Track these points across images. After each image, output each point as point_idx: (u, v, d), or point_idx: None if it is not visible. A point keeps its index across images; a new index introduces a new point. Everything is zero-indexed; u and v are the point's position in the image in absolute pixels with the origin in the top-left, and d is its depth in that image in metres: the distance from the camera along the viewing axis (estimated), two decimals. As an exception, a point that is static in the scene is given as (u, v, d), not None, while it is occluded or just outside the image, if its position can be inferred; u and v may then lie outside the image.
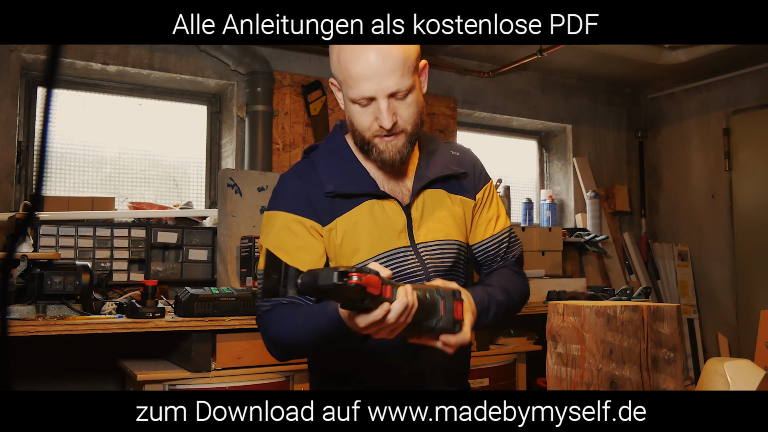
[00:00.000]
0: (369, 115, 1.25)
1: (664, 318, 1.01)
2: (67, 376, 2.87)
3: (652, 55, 3.94)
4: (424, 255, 1.33)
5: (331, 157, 1.35)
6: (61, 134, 3.27)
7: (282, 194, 1.34)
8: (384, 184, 1.34)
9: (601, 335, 0.99)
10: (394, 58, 1.21)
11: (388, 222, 1.31)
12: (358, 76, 1.21)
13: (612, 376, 0.98)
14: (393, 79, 1.21)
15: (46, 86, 0.59)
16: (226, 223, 2.97)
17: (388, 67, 1.20)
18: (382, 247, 1.30)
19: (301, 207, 1.30)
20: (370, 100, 1.24)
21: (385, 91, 1.22)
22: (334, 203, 1.30)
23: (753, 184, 4.29)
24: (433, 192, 1.37)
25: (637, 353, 0.99)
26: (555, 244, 4.06)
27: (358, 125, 1.27)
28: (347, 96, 1.26)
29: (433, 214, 1.36)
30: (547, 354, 1.07)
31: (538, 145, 4.89)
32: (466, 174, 1.42)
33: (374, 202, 1.31)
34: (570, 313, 1.03)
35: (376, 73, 1.20)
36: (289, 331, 1.24)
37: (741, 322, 4.33)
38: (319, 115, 3.65)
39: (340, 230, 1.30)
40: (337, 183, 1.30)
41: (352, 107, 1.26)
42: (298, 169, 1.37)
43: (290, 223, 1.30)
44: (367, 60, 1.20)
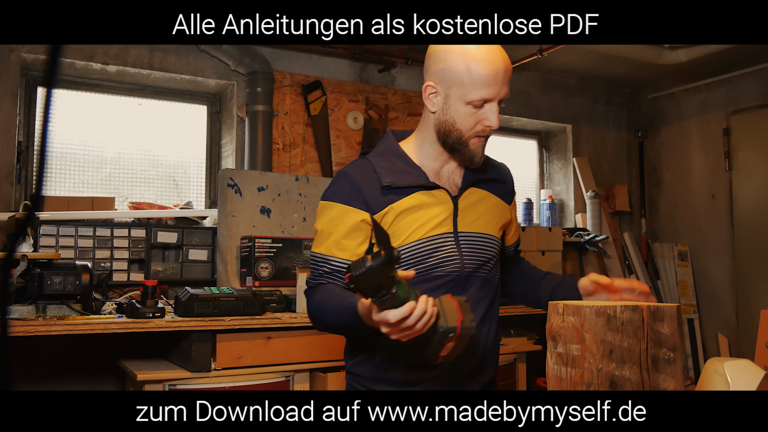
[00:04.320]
0: (475, 118, 1.39)
1: (664, 318, 1.01)
2: (67, 376, 2.87)
3: (652, 55, 3.94)
4: (463, 244, 1.45)
5: (386, 157, 1.48)
6: (61, 134, 3.27)
7: (339, 187, 1.46)
8: (434, 178, 1.47)
9: (601, 335, 0.99)
10: (510, 70, 1.39)
11: (436, 208, 1.44)
12: (489, 81, 1.36)
13: (612, 376, 0.98)
14: (507, 86, 1.39)
15: (46, 86, 0.59)
16: (226, 223, 2.97)
17: (507, 75, 1.38)
18: (428, 231, 1.42)
19: (354, 199, 1.42)
20: (483, 103, 1.38)
21: (501, 96, 1.39)
22: (389, 194, 1.43)
23: (753, 184, 4.29)
24: (479, 190, 1.52)
25: (637, 353, 0.98)
26: (555, 244, 4.06)
27: (463, 125, 1.40)
28: (464, 97, 1.37)
29: (478, 208, 1.50)
30: (547, 354, 1.07)
31: (538, 145, 4.89)
32: (505, 182, 1.60)
33: (425, 192, 1.44)
34: (570, 313, 1.03)
35: (502, 80, 1.37)
36: (320, 310, 1.42)
37: (741, 322, 4.33)
38: (319, 115, 3.65)
39: (392, 215, 1.42)
40: (393, 177, 1.43)
41: (464, 108, 1.39)
42: (356, 167, 1.48)
43: (341, 213, 1.43)
44: (497, 68, 1.36)
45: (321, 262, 1.44)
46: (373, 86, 3.87)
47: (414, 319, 1.12)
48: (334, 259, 1.42)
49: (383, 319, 1.13)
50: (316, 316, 1.44)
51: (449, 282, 1.43)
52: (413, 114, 3.99)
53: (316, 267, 1.45)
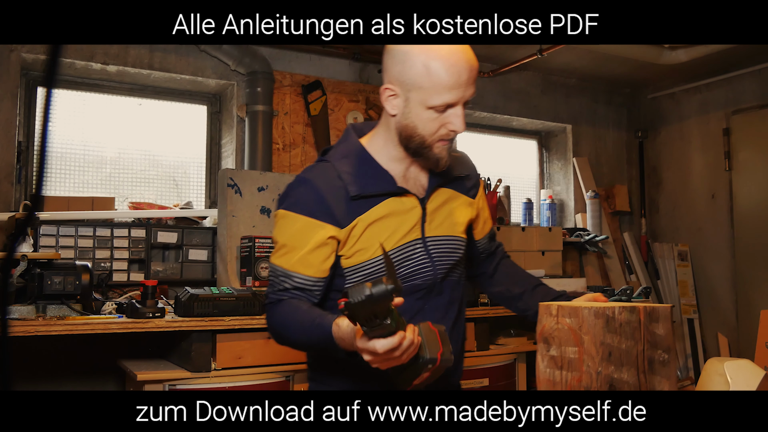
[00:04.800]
0: (438, 121, 1.31)
1: (659, 319, 0.99)
2: (67, 376, 2.87)
3: (652, 55, 3.94)
4: (432, 249, 1.39)
5: (351, 161, 1.38)
6: (61, 134, 3.27)
7: (301, 195, 1.36)
8: (402, 182, 1.40)
9: (600, 337, 0.96)
10: (475, 70, 1.30)
11: (405, 216, 1.38)
12: (450, 85, 1.27)
13: (611, 378, 0.96)
14: (472, 88, 1.30)
15: (46, 86, 0.59)
16: (226, 223, 2.97)
17: (471, 77, 1.29)
18: (397, 241, 1.36)
19: (319, 212, 1.33)
20: (447, 107, 1.29)
21: (466, 99, 1.30)
22: (357, 204, 1.35)
23: (753, 184, 4.29)
24: (446, 190, 1.45)
25: (635, 355, 0.96)
26: (555, 244, 4.07)
27: (425, 130, 1.32)
28: (424, 102, 1.29)
29: (445, 210, 1.44)
30: (537, 357, 1.04)
31: (538, 145, 4.89)
32: (470, 175, 1.51)
33: (394, 198, 1.37)
34: (565, 314, 0.99)
35: (466, 82, 1.28)
36: (285, 329, 1.34)
37: (741, 322, 4.33)
38: (319, 115, 3.65)
39: (361, 228, 1.34)
40: (360, 185, 1.35)
41: (425, 113, 1.30)
42: (320, 172, 1.38)
43: (305, 227, 1.34)
44: (460, 70, 1.27)
45: (283, 276, 1.36)
46: (373, 86, 3.87)
47: (401, 351, 1.08)
48: (298, 275, 1.34)
49: (370, 348, 1.07)
50: (279, 333, 1.37)
51: (423, 290, 1.38)
52: (413, 114, 3.98)
53: (278, 281, 1.37)
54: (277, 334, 1.38)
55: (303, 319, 1.29)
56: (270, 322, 1.39)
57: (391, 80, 1.32)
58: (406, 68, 1.29)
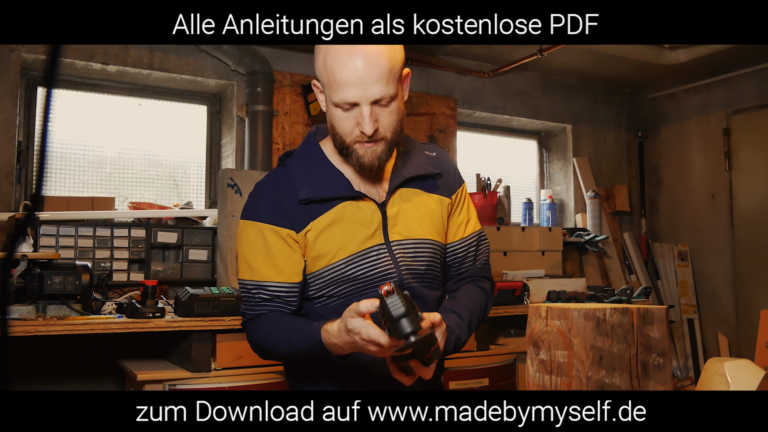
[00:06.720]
0: (351, 120, 1.25)
1: (654, 321, 0.96)
2: (67, 376, 2.87)
3: (652, 55, 3.94)
4: (398, 254, 1.33)
5: (305, 164, 1.35)
6: (61, 134, 3.27)
7: (257, 203, 1.34)
8: (360, 186, 1.34)
9: (591, 340, 0.92)
10: (381, 67, 1.20)
11: (362, 221, 1.31)
12: (343, 81, 1.21)
13: (602, 384, 0.93)
14: (378, 86, 1.21)
15: (46, 86, 0.59)
16: (226, 223, 2.97)
17: (374, 74, 1.20)
18: (356, 246, 1.30)
19: (275, 216, 1.31)
20: (353, 106, 1.23)
21: (369, 98, 1.22)
22: (310, 208, 1.31)
23: (753, 184, 4.29)
24: (410, 190, 1.37)
25: (627, 359, 0.93)
26: (555, 244, 4.07)
27: (340, 129, 1.27)
28: (330, 99, 1.26)
29: (410, 211, 1.36)
30: (527, 361, 1.01)
31: (538, 145, 4.89)
32: (441, 175, 1.42)
33: (349, 203, 1.32)
34: (555, 316, 0.96)
35: (362, 79, 1.20)
36: (270, 342, 1.31)
37: (741, 322, 4.33)
38: (319, 115, 3.65)
39: (314, 233, 1.30)
40: (311, 189, 1.31)
41: (334, 111, 1.26)
42: (273, 177, 1.37)
43: (266, 234, 1.32)
44: (354, 66, 1.20)
45: (255, 289, 1.32)
46: (373, 86, 3.87)
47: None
48: (270, 283, 1.31)
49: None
50: (263, 348, 1.33)
51: None
52: (413, 114, 3.98)
53: (251, 296, 1.33)
54: (260, 349, 1.35)
55: (287, 330, 1.27)
56: (252, 338, 1.35)
57: (316, 76, 1.31)
58: (317, 63, 1.28)
